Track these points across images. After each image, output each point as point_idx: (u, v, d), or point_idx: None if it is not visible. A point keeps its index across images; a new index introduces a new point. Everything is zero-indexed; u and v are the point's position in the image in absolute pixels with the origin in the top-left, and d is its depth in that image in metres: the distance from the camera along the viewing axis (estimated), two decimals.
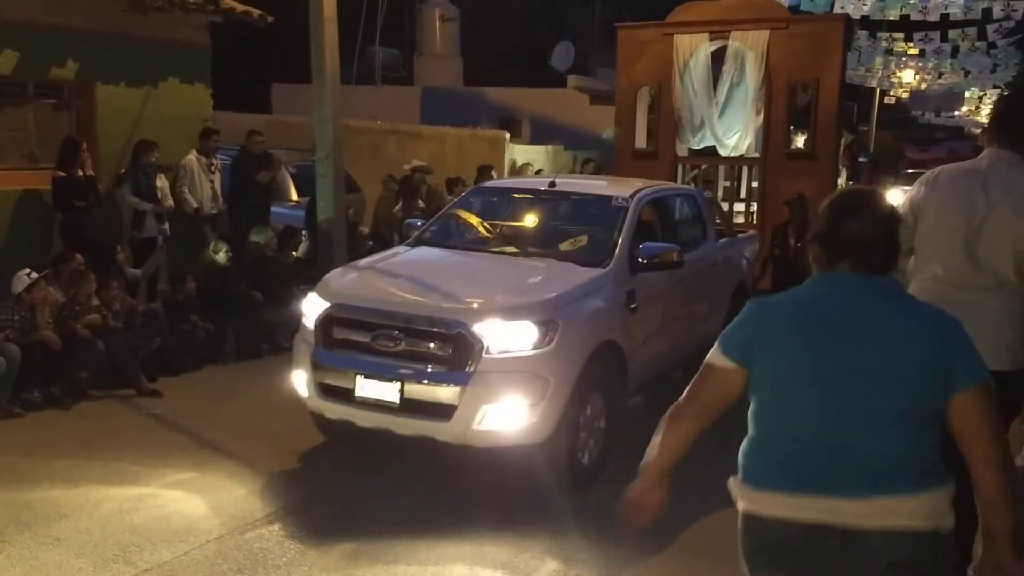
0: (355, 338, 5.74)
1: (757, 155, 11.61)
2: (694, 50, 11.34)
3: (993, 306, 3.59)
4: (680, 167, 11.90)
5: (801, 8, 15.65)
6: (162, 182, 10.07)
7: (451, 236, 7.30)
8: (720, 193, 11.91)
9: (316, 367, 5.82)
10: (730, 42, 11.25)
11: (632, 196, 6.99)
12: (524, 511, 5.42)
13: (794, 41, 10.84)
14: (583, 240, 6.91)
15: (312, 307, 6.03)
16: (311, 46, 9.87)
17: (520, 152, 17.09)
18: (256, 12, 11.59)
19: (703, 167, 12.23)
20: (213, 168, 10.82)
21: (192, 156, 10.59)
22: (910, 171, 34.31)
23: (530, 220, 7.37)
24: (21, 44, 9.44)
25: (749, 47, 11.02)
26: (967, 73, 23.87)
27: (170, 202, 10.13)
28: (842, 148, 13.18)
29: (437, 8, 24.65)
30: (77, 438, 6.56)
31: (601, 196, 7.34)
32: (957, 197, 3.68)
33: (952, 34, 19.05)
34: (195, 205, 10.43)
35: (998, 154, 3.71)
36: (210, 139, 10.83)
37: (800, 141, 12.04)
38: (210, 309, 8.93)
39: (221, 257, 10.35)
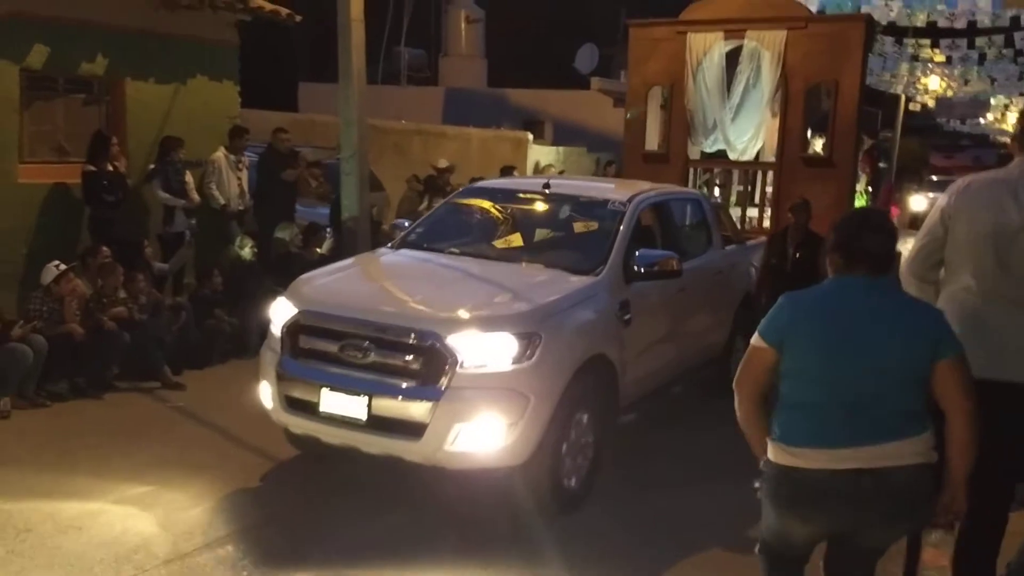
0: (322, 348, 5.21)
1: (772, 159, 10.97)
2: (708, 49, 10.75)
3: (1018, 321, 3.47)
4: (692, 170, 11.26)
5: (827, 14, 15.52)
6: (189, 178, 9.96)
7: (437, 239, 6.70)
8: (733, 197, 11.37)
9: (281, 378, 5.30)
10: (746, 42, 10.58)
11: (629, 200, 6.45)
12: (502, 537, 4.95)
13: (813, 42, 10.22)
14: (593, 225, 6.47)
15: (280, 313, 5.51)
16: (338, 47, 9.85)
17: (538, 153, 17.09)
18: (284, 11, 11.54)
19: (715, 171, 11.52)
20: (241, 165, 10.78)
21: (220, 153, 10.59)
22: (935, 178, 34.12)
23: (522, 222, 6.82)
24: (52, 39, 9.32)
25: (765, 47, 10.41)
26: (993, 81, 23.59)
27: (196, 197, 9.98)
28: (861, 154, 12.56)
29: (463, 10, 24.58)
30: (97, 428, 6.48)
31: (597, 200, 6.70)
32: (988, 207, 3.50)
33: (979, 42, 18.85)
34: (222, 201, 10.25)
35: None
36: (240, 138, 10.78)
37: (818, 145, 11.43)
38: (235, 304, 8.90)
39: (247, 253, 10.39)
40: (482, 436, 4.88)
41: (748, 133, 10.70)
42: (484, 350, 4.95)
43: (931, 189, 30.30)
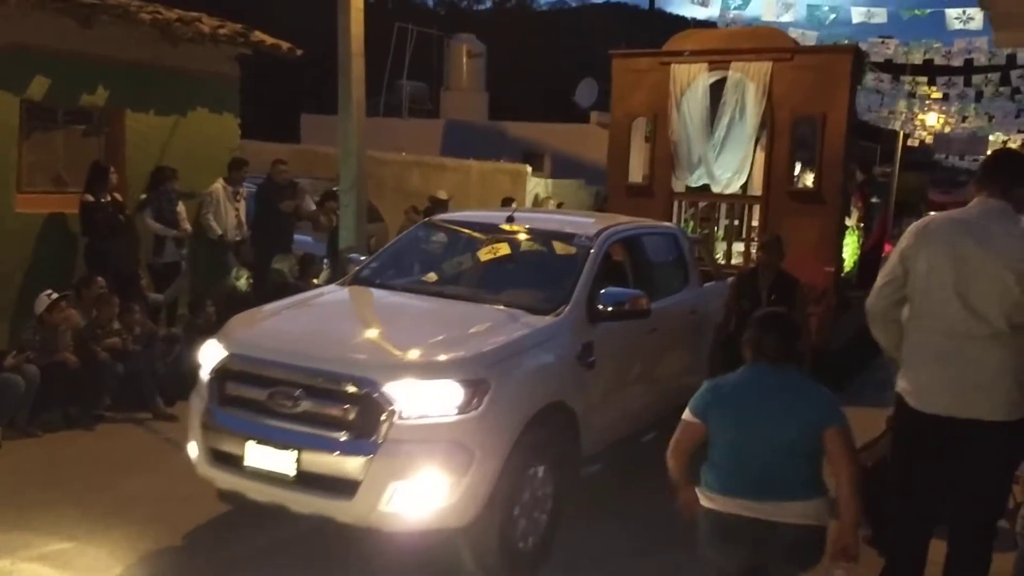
0: (250, 395, 4.65)
1: (759, 193, 10.41)
2: (692, 81, 10.23)
3: (991, 357, 3.47)
4: (676, 204, 10.64)
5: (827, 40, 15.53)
6: (181, 208, 9.73)
7: (392, 275, 6.24)
8: (721, 232, 10.84)
9: (206, 428, 4.74)
10: (730, 73, 10.06)
11: (597, 235, 5.93)
12: None
13: (799, 73, 9.70)
14: (565, 255, 5.96)
15: (209, 356, 4.93)
16: (339, 80, 9.96)
17: (537, 186, 17.08)
18: (286, 45, 11.51)
19: (700, 204, 10.89)
20: (239, 197, 10.75)
21: (219, 184, 10.53)
22: (932, 213, 34.11)
23: (481, 259, 6.34)
24: (52, 71, 9.18)
25: (750, 79, 9.88)
26: (991, 118, 23.68)
27: (188, 227, 9.80)
28: (854, 188, 11.77)
29: (464, 44, 24.73)
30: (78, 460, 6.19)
31: (562, 234, 6.21)
32: (948, 246, 3.54)
33: (976, 79, 18.93)
34: (219, 232, 10.05)
35: (987, 203, 3.59)
36: (239, 169, 10.65)
37: (809, 180, 10.59)
38: None
39: (242, 284, 10.35)
40: (421, 495, 4.31)
41: (732, 166, 10.20)
42: (425, 399, 4.42)
43: None
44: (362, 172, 9.76)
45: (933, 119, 23.50)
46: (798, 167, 10.41)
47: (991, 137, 28.00)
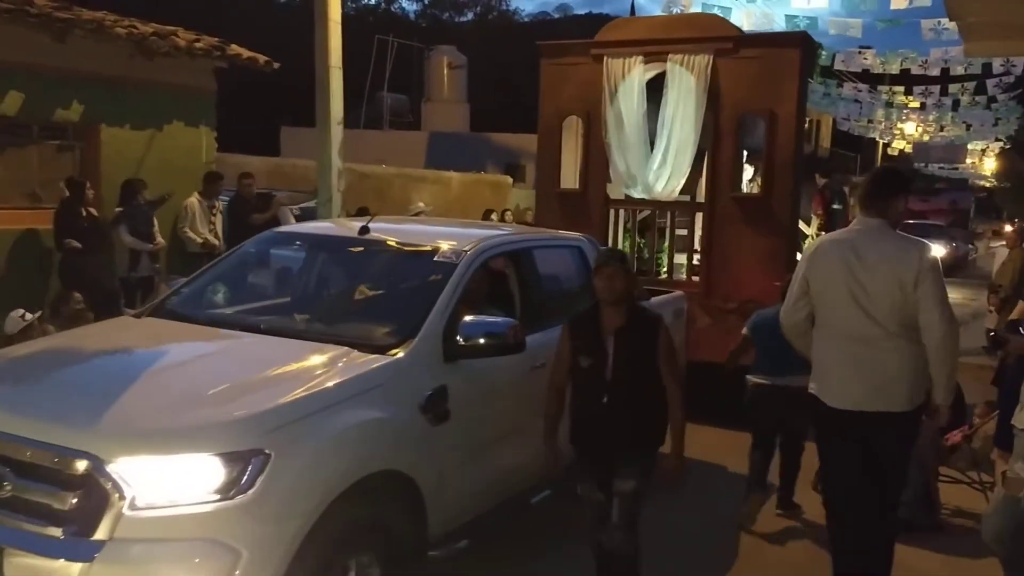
0: None
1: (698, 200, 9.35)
2: (627, 75, 9.04)
3: (889, 356, 3.94)
4: (612, 212, 9.40)
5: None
6: (155, 221, 9.69)
7: (204, 302, 5.16)
8: (667, 243, 9.66)
9: None
10: (668, 65, 8.89)
11: (467, 250, 4.81)
12: None
13: (743, 66, 8.60)
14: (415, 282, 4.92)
15: None
16: (316, 93, 9.91)
17: (517, 196, 17.05)
18: (263, 58, 11.45)
19: (638, 211, 9.54)
20: (214, 211, 10.73)
21: (194, 199, 10.44)
22: (910, 221, 34.25)
23: (322, 281, 5.47)
24: (27, 86, 9.09)
25: (690, 72, 8.75)
26: (969, 127, 23.84)
27: (161, 241, 9.74)
28: (813, 194, 11.25)
29: (445, 56, 24.79)
30: None
31: (424, 249, 4.97)
32: (838, 264, 4.03)
33: (952, 88, 19.04)
34: (200, 241, 10.07)
35: (867, 222, 4.08)
36: (214, 183, 10.61)
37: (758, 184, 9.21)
38: None
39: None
40: None
41: (670, 172, 9.02)
42: (169, 481, 3.26)
43: (908, 232, 30.31)
44: (341, 185, 9.69)
45: (911, 128, 23.63)
46: (751, 171, 9.47)
47: (969, 146, 28.17)
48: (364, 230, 5.14)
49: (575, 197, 9.36)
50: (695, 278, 8.88)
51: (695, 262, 9.01)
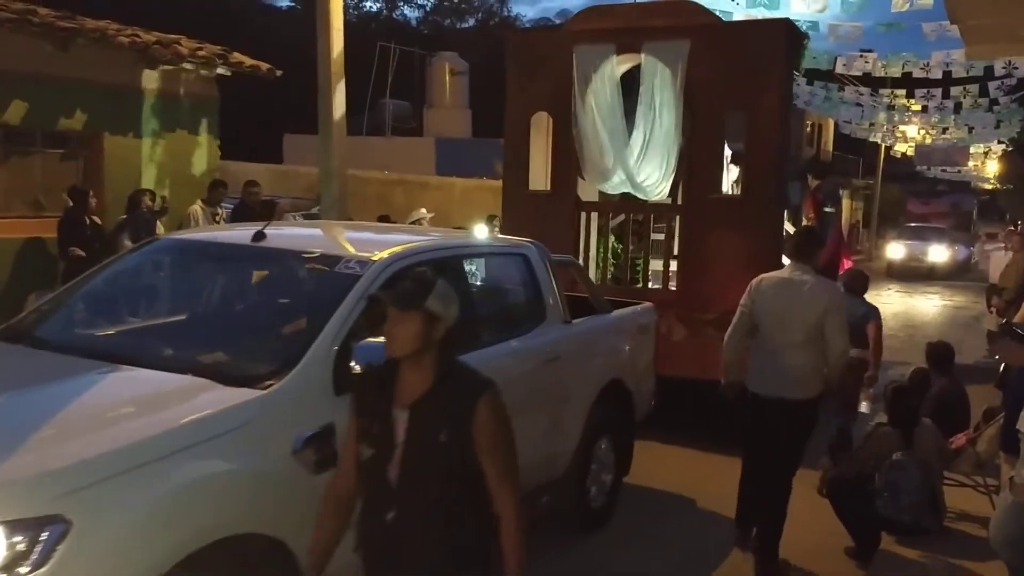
0: None
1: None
2: (600, 66, 8.23)
3: (799, 358, 5.15)
4: (585, 215, 8.65)
5: (803, 66, 15.53)
6: (161, 229, 9.67)
7: (63, 322, 4.40)
8: (648, 248, 9.07)
9: None
10: (643, 56, 8.09)
11: (375, 259, 4.06)
12: None
13: (722, 56, 7.82)
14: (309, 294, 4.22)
15: None
16: (319, 100, 9.93)
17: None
18: (265, 66, 11.49)
19: (611, 215, 8.90)
20: (218, 218, 10.78)
21: (197, 206, 10.46)
22: (912, 224, 34.15)
23: (199, 299, 4.69)
24: (30, 95, 9.14)
25: (665, 63, 7.96)
26: (971, 129, 23.82)
27: None
28: (805, 195, 10.73)
29: (447, 62, 24.80)
30: None
31: (325, 257, 4.23)
32: (774, 297, 5.29)
33: (954, 91, 19.04)
34: None
35: (796, 267, 5.34)
36: (217, 191, 10.75)
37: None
38: None
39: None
40: None
41: (655, 172, 8.28)
42: None
43: (908, 236, 30.16)
44: (343, 192, 9.71)
45: (913, 131, 23.63)
46: (735, 171, 8.78)
47: (971, 148, 28.17)
48: (259, 236, 4.34)
49: (544, 199, 8.65)
50: (672, 286, 8.26)
51: (672, 269, 8.38)
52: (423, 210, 12.97)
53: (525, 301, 5.33)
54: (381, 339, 2.78)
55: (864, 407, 7.81)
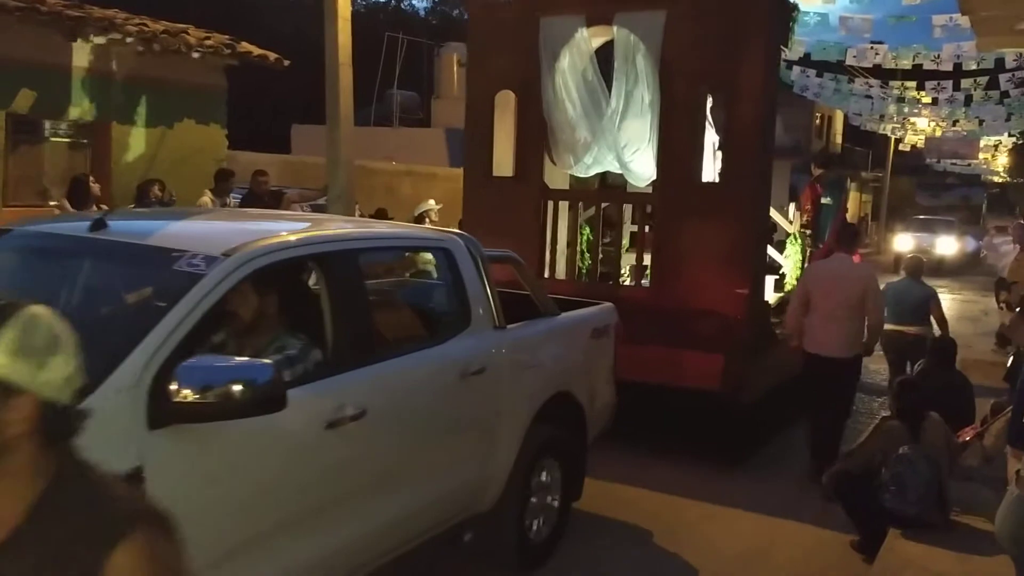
0: None
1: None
2: (568, 40, 7.45)
3: (843, 325, 6.56)
4: (550, 203, 7.81)
5: (812, 58, 15.42)
6: None
7: None
8: (626, 241, 8.61)
9: None
10: (615, 29, 7.33)
11: (224, 254, 3.23)
12: None
13: (701, 28, 7.05)
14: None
15: None
16: (326, 90, 9.93)
17: None
18: (273, 56, 11.51)
19: (583, 206, 8.19)
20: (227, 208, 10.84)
21: (207, 197, 10.53)
22: (921, 217, 34.05)
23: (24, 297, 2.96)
24: (38, 84, 9.18)
25: (640, 36, 7.20)
26: (982, 122, 23.69)
27: None
28: (803, 186, 10.29)
29: (455, 52, 24.75)
30: None
31: (165, 252, 3.31)
32: (824, 279, 6.74)
33: (964, 83, 18.89)
34: None
35: (840, 254, 6.90)
36: (225, 180, 10.70)
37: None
38: None
39: None
40: None
41: (643, 153, 7.50)
42: None
43: (916, 229, 30.02)
44: (350, 182, 9.67)
45: (924, 123, 23.49)
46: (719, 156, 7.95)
47: (981, 141, 28.02)
48: (98, 225, 3.54)
49: (507, 187, 7.79)
50: (644, 283, 7.56)
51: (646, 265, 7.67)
52: (431, 201, 12.91)
53: (445, 304, 4.58)
54: (209, 357, 2.44)
55: None
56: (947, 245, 28.87)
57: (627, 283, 8.03)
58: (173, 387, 2.75)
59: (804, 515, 5.90)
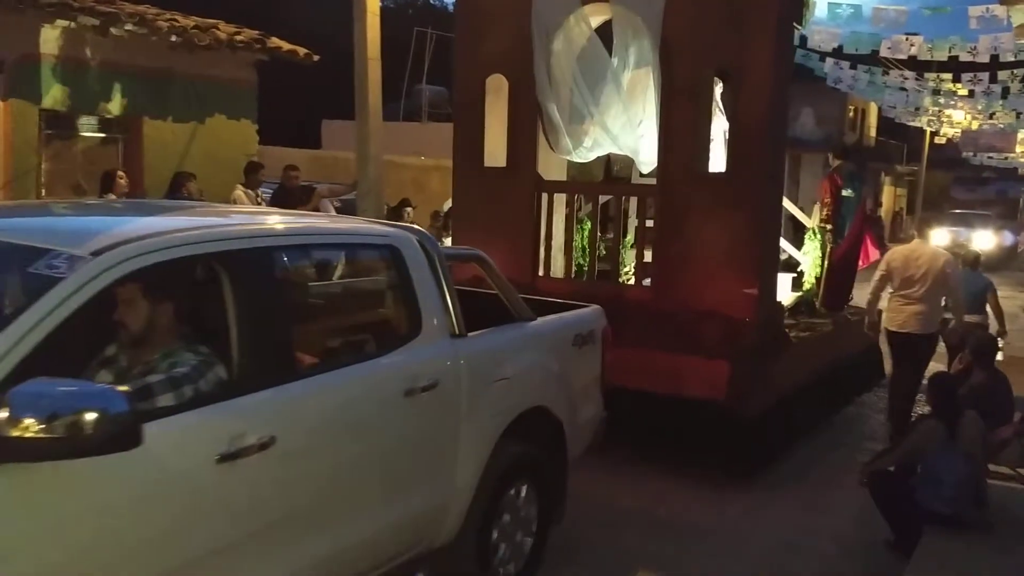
0: None
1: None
2: (563, 20, 6.95)
3: (920, 305, 7.28)
4: (547, 197, 7.25)
5: (845, 50, 15.20)
6: None
7: None
8: (630, 237, 7.98)
9: None
10: (612, 6, 6.82)
11: (92, 253, 2.71)
12: None
13: (704, 8, 6.51)
14: None
15: None
16: (355, 85, 9.95)
17: None
18: (303, 51, 11.57)
19: (578, 197, 7.57)
20: (260, 201, 10.88)
21: (240, 191, 10.65)
22: (956, 211, 33.60)
23: None
24: (71, 80, 9.34)
25: (640, 14, 6.66)
26: (1019, 114, 23.34)
27: None
28: (822, 177, 9.79)
29: None
30: None
31: (27, 250, 2.81)
32: (903, 263, 7.42)
33: (1002, 75, 18.61)
34: None
35: (919, 241, 7.59)
36: (255, 173, 10.78)
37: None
38: None
39: None
40: None
41: (645, 134, 7.01)
42: None
43: (952, 223, 29.65)
44: (379, 177, 9.69)
45: (960, 116, 23.16)
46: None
47: (1019, 134, 27.58)
48: None
49: (499, 178, 7.26)
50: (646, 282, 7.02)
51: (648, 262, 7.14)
52: (448, 203, 12.91)
53: (390, 310, 4.03)
54: (49, 381, 2.16)
55: None
56: (984, 239, 28.47)
57: (628, 282, 7.47)
58: (3, 415, 2.23)
59: (839, 513, 5.82)
